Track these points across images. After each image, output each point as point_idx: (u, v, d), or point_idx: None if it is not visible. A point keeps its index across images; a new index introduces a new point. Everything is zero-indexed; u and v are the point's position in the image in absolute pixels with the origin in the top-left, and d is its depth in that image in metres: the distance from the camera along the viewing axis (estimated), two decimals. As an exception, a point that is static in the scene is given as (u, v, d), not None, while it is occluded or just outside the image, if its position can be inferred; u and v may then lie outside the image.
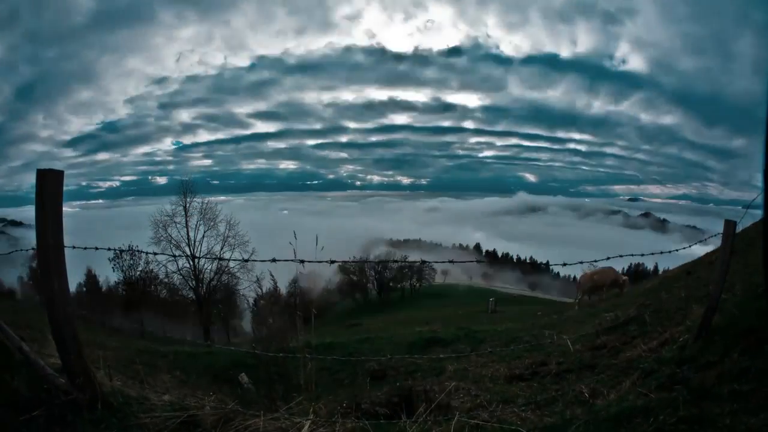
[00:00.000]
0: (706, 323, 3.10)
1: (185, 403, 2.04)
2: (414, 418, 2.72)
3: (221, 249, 23.36)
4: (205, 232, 23.00)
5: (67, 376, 1.93)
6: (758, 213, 3.40)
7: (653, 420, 2.10)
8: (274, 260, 2.27)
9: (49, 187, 1.85)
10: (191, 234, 22.83)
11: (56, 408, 1.78)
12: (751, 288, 3.98)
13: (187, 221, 22.72)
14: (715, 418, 1.95)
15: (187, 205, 22.86)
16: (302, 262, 2.28)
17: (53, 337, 1.84)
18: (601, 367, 4.89)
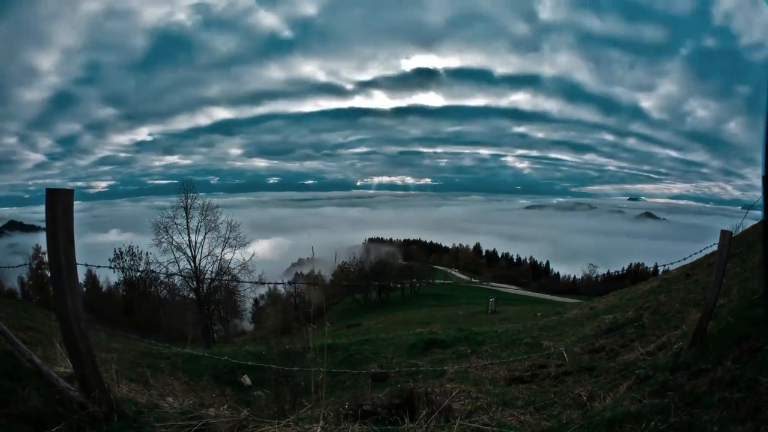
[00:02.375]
0: (701, 330, 3.15)
1: (198, 411, 2.07)
2: (417, 422, 2.78)
3: (222, 250, 23.39)
4: (206, 233, 22.98)
5: (82, 389, 1.95)
6: (758, 213, 3.46)
7: (645, 426, 2.16)
8: (289, 283, 2.33)
9: (60, 206, 1.83)
10: (192, 236, 22.80)
11: (74, 422, 1.79)
12: (747, 294, 4.02)
13: (188, 222, 22.70)
14: (704, 426, 2.00)
15: (188, 206, 22.82)
16: (316, 285, 2.34)
17: (68, 352, 1.86)
18: (600, 369, 4.95)
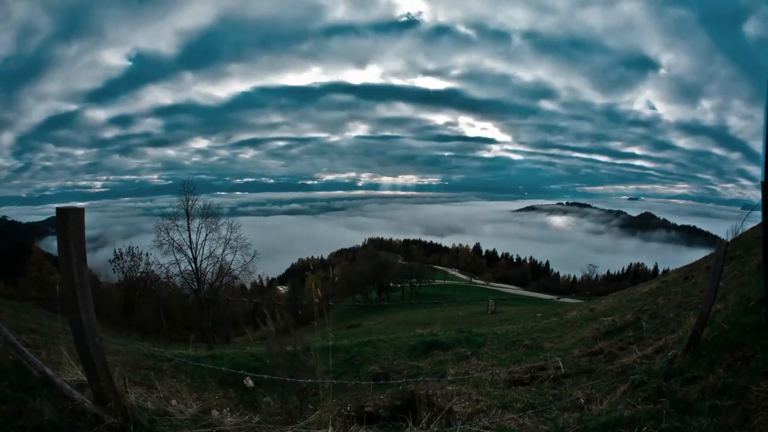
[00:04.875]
0: (696, 337, 3.20)
1: (210, 418, 2.12)
2: (419, 426, 2.84)
3: (223, 252, 23.41)
4: (207, 234, 23.00)
5: (96, 399, 1.98)
6: (758, 213, 3.52)
7: (637, 431, 2.23)
8: (299, 303, 2.41)
9: (72, 225, 1.84)
10: (193, 237, 22.82)
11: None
12: (742, 300, 4.06)
13: (189, 224, 22.70)
14: (693, 432, 2.07)
15: (189, 208, 22.83)
16: (328, 304, 2.41)
17: (83, 365, 1.89)
18: (598, 372, 5.01)
